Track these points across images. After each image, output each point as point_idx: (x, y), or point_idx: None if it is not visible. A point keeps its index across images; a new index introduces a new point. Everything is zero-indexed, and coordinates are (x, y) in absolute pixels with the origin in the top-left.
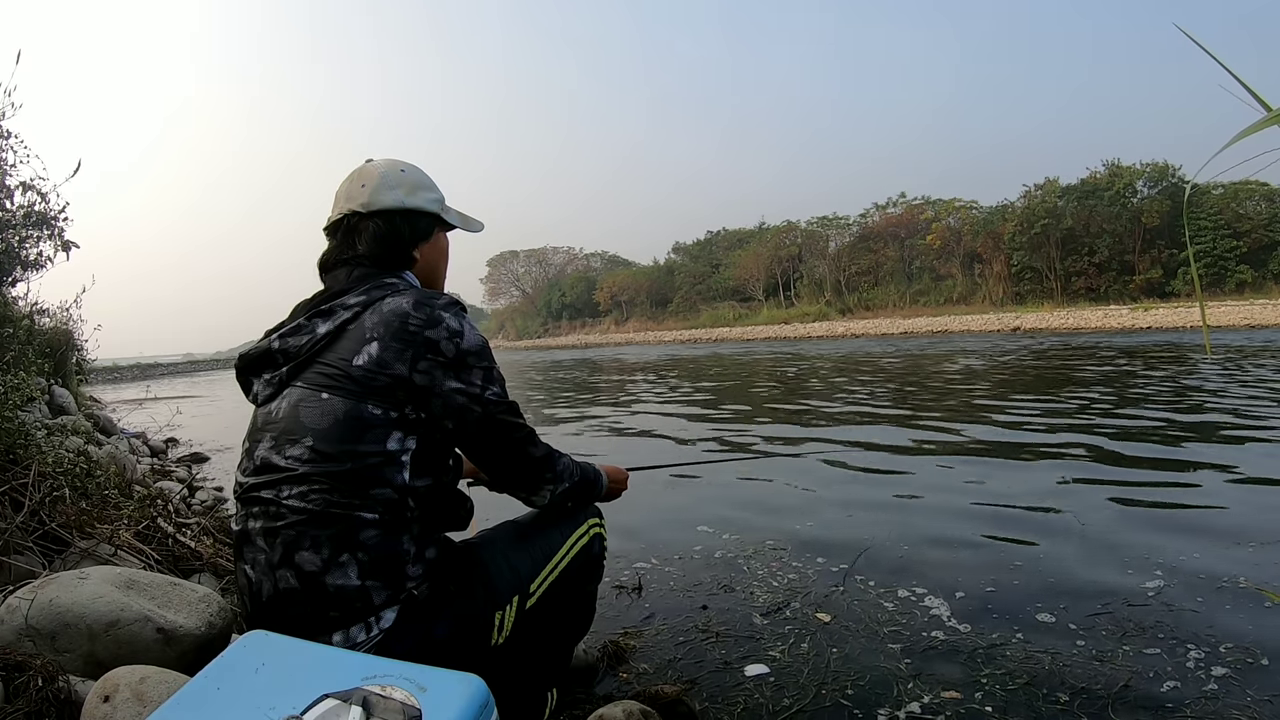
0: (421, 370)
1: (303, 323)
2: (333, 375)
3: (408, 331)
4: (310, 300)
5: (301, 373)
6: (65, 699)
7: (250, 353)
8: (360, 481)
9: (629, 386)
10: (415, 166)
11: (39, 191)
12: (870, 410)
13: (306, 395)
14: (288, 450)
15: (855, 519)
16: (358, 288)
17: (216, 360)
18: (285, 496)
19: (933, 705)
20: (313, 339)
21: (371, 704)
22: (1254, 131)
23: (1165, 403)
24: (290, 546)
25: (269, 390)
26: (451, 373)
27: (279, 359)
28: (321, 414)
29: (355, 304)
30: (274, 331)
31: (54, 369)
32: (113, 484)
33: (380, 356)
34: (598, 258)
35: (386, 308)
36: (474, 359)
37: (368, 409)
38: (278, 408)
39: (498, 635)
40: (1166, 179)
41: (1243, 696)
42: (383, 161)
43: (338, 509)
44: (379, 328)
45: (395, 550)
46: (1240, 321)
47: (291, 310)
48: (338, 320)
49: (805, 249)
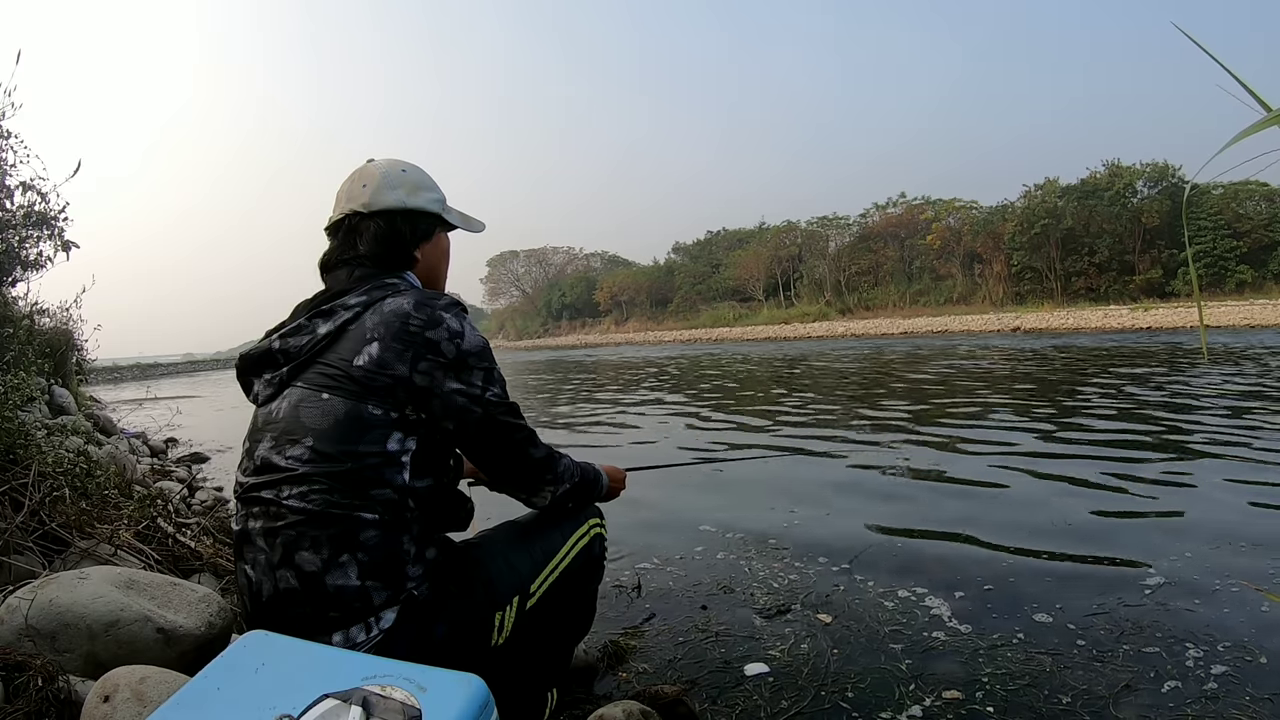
0: (422, 371)
1: (303, 323)
2: (333, 375)
3: (408, 332)
4: (311, 300)
5: (302, 373)
6: (65, 699)
7: (251, 353)
8: (360, 482)
9: (630, 387)
10: (416, 166)
11: (39, 191)
12: (870, 410)
13: (307, 395)
14: (288, 450)
15: (856, 519)
16: (359, 288)
17: (216, 360)
18: (285, 496)
19: (934, 706)
20: (313, 339)
21: (371, 704)
22: (1254, 132)
23: (1161, 404)
24: (290, 546)
25: (269, 390)
26: (452, 374)
27: (279, 359)
28: (322, 414)
29: (356, 304)
30: (274, 332)
31: (54, 369)
32: (113, 484)
33: (381, 357)
34: (598, 258)
35: (387, 308)
36: (475, 360)
37: (368, 409)
38: (278, 408)
39: (498, 635)
40: (1166, 179)
41: (1242, 695)
42: (384, 161)
43: (338, 509)
44: (379, 328)
45: (395, 551)
46: (1240, 321)
47: (292, 310)
48: (338, 320)
49: (805, 249)
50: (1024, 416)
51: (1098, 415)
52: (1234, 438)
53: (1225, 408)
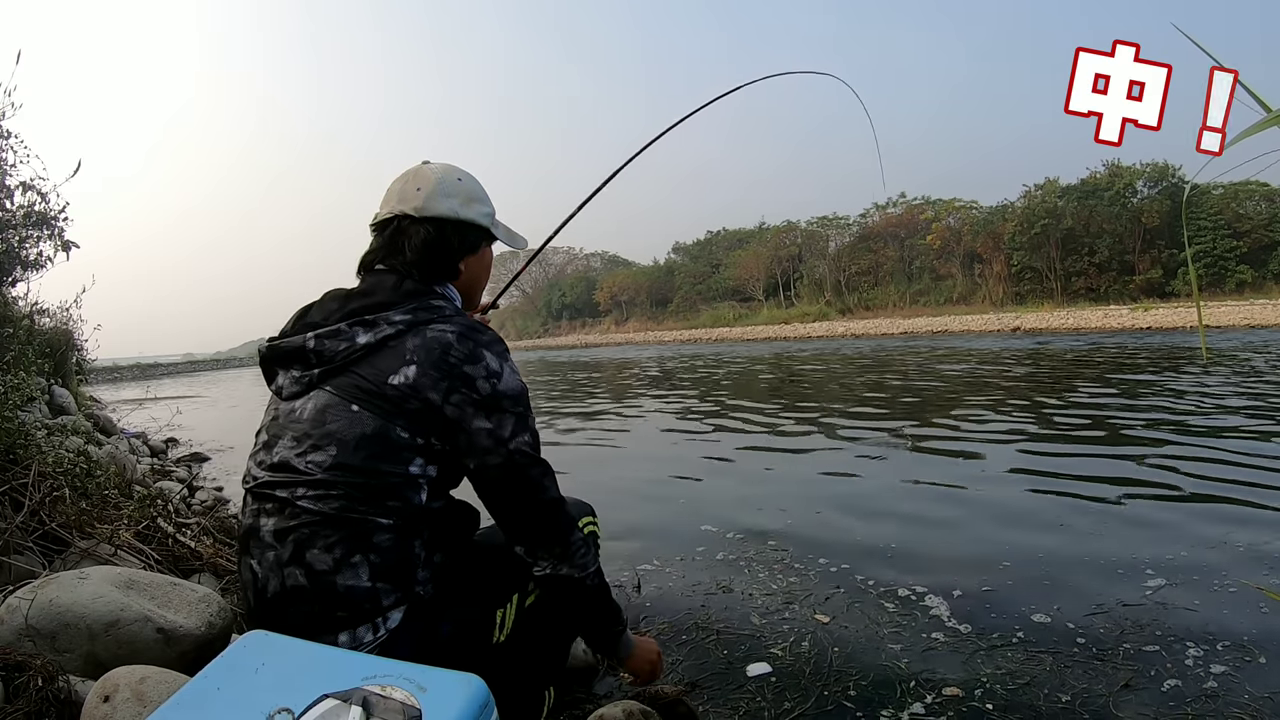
0: (454, 403)
1: (343, 328)
2: (366, 389)
3: (447, 362)
4: (348, 295)
5: (334, 378)
6: (65, 699)
7: (282, 345)
8: (378, 494)
9: (631, 386)
10: (472, 176)
11: (39, 191)
12: (870, 412)
13: (335, 403)
14: (309, 455)
15: (855, 519)
16: (405, 304)
17: (216, 360)
18: (300, 498)
19: (935, 704)
20: (350, 347)
21: (371, 704)
22: (1254, 132)
23: (1158, 404)
24: (302, 545)
25: (296, 388)
26: (483, 412)
27: (311, 358)
28: (349, 425)
29: (400, 321)
30: (309, 326)
31: (54, 369)
32: (113, 484)
33: (417, 381)
34: (598, 258)
35: (430, 334)
36: (509, 403)
37: (396, 430)
38: (303, 407)
39: (499, 633)
40: (1166, 179)
41: (1242, 695)
42: (440, 166)
43: (354, 514)
44: (420, 351)
45: (407, 555)
46: (1240, 321)
47: (323, 295)
48: (379, 334)
49: (805, 249)
50: (1023, 417)
51: (1097, 415)
52: (1233, 437)
53: (1225, 407)
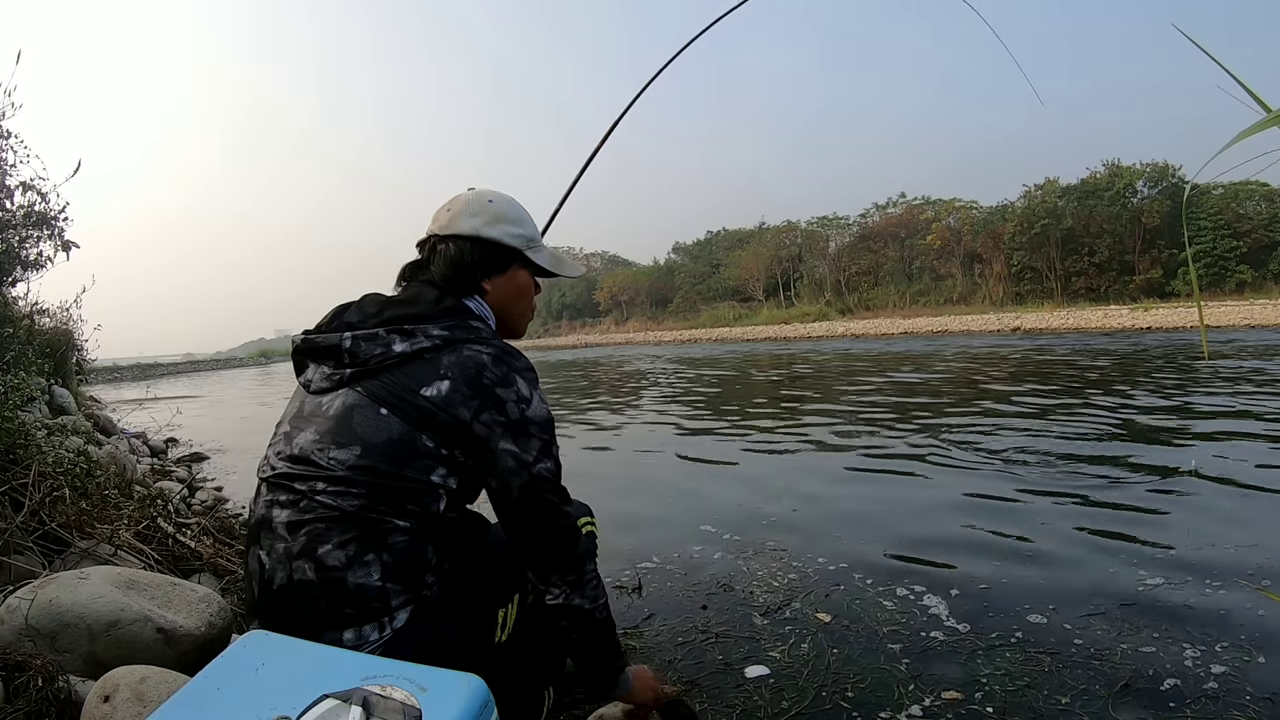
0: (483, 422)
1: (380, 333)
2: (397, 396)
3: (480, 383)
4: (389, 301)
5: (364, 380)
6: (65, 699)
7: (319, 341)
8: (398, 497)
9: (631, 386)
10: (509, 199)
11: (39, 191)
12: (870, 413)
13: (364, 404)
14: (331, 451)
15: (856, 519)
16: (443, 320)
17: (216, 360)
18: (319, 492)
19: (934, 707)
20: (385, 354)
21: (371, 704)
22: (1254, 132)
23: (1156, 404)
24: (315, 540)
25: (325, 384)
26: (510, 435)
27: (345, 358)
28: (376, 428)
29: (438, 336)
30: (346, 325)
31: (54, 369)
32: (113, 484)
33: (449, 396)
34: (598, 258)
35: (466, 352)
36: (536, 429)
37: (423, 439)
38: (330, 404)
39: (500, 633)
40: (1166, 179)
41: (1242, 695)
42: (477, 191)
43: (372, 514)
44: (454, 368)
45: (420, 558)
46: (1240, 321)
47: (362, 296)
48: (416, 345)
49: (805, 249)
50: (1022, 417)
51: (1097, 415)
52: (1232, 437)
53: (1223, 407)
